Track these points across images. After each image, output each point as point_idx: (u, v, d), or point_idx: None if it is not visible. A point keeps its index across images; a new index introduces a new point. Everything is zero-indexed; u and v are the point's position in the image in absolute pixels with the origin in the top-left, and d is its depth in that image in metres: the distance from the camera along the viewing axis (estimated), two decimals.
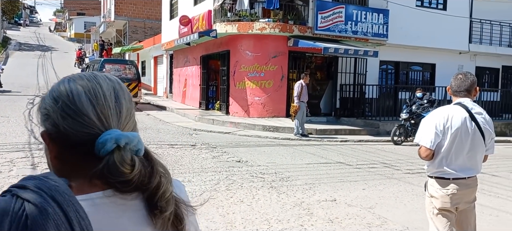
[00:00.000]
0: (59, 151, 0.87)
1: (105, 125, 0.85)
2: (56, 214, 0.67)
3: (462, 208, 3.13)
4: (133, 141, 0.85)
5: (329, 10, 14.35)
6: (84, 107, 0.84)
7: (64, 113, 0.85)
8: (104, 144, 0.83)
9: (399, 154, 10.40)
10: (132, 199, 0.86)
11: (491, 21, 18.46)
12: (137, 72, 17.81)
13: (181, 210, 0.93)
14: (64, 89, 0.87)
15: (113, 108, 0.87)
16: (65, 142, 0.85)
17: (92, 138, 0.84)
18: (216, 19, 15.05)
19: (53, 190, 0.71)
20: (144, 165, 0.87)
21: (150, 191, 0.87)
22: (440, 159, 3.04)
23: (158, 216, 0.87)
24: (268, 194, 5.99)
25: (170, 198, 0.89)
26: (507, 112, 17.59)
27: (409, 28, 16.12)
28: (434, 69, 17.71)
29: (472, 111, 3.04)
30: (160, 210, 0.87)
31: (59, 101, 0.86)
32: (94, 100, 0.86)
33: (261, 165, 8.01)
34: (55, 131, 0.85)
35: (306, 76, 12.23)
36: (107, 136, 0.83)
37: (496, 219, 5.37)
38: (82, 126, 0.84)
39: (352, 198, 6.00)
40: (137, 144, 0.86)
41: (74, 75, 0.91)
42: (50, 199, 0.69)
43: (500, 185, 7.24)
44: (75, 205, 0.72)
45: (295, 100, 11.76)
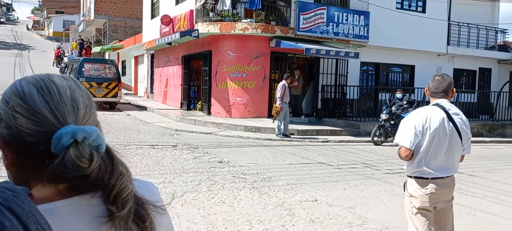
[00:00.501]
0: (16, 156, 0.82)
1: (61, 122, 0.81)
2: (13, 226, 0.64)
3: (440, 207, 3.18)
4: (92, 135, 0.80)
5: (311, 11, 14.45)
6: (36, 105, 0.81)
7: (16, 113, 0.80)
8: (60, 139, 0.78)
9: (379, 154, 10.52)
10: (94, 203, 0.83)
11: (469, 24, 18.87)
12: (117, 72, 17.59)
13: (145, 210, 0.88)
14: (15, 90, 0.83)
15: (70, 105, 0.83)
16: (20, 144, 0.80)
17: (48, 136, 0.79)
18: (198, 19, 14.98)
19: (10, 201, 0.67)
20: (105, 161, 0.82)
21: (108, 190, 0.82)
22: (419, 159, 3.09)
23: (114, 216, 0.82)
24: (249, 195, 5.99)
25: (128, 198, 0.84)
26: (484, 114, 17.99)
27: (389, 30, 16.34)
28: (413, 70, 17.99)
29: (450, 112, 3.09)
30: (116, 208, 0.82)
31: (10, 102, 0.82)
32: (48, 97, 0.82)
33: (243, 165, 8.00)
34: (9, 133, 0.81)
35: (288, 77, 12.34)
36: (63, 130, 0.79)
37: (473, 218, 5.48)
38: (36, 124, 0.80)
39: (333, 198, 6.05)
40: (96, 139, 0.81)
41: (26, 76, 0.87)
42: (6, 210, 0.65)
43: (476, 184, 7.40)
44: (35, 216, 0.68)
45: (278, 102, 11.84)
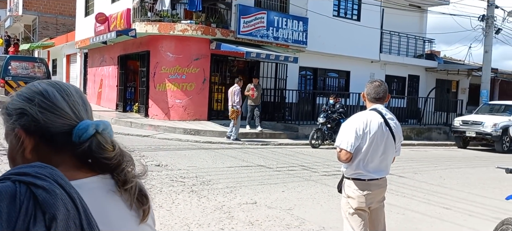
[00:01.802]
0: (37, 144, 0.97)
1: (78, 117, 1.00)
2: (62, 194, 0.79)
3: (373, 207, 3.29)
4: (108, 127, 1.02)
5: (251, 15, 14.54)
6: (59, 102, 0.98)
7: (42, 109, 0.97)
8: (86, 129, 0.97)
9: (316, 156, 10.79)
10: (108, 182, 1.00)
11: (399, 33, 19.95)
12: (47, 71, 16.67)
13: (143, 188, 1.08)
14: (37, 90, 0.99)
15: (82, 104, 1.03)
16: (45, 133, 0.97)
17: (68, 128, 0.98)
18: (136, 18, 14.54)
19: (54, 175, 0.82)
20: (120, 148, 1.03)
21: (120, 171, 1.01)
22: (358, 161, 3.17)
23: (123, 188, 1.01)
24: (188, 198, 5.87)
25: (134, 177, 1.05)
26: (412, 118, 19.09)
27: (327, 37, 16.85)
28: (348, 76, 18.68)
29: (386, 117, 3.21)
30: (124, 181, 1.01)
31: (35, 99, 0.97)
32: (66, 97, 1.00)
33: (181, 168, 7.85)
34: (35, 125, 0.96)
35: (240, 81, 12.68)
36: (87, 122, 0.98)
37: (402, 217, 5.76)
38: (60, 118, 0.98)
39: (272, 200, 6.09)
40: (111, 131, 1.03)
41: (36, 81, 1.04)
42: (54, 182, 0.80)
43: (406, 185, 7.80)
44: (73, 187, 0.83)
45: (237, 106, 12.16)
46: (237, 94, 12.23)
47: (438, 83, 21.68)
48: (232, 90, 12.34)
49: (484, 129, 15.10)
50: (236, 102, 12.14)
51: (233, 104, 12.18)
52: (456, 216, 6.01)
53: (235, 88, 12.34)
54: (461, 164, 11.65)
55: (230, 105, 12.29)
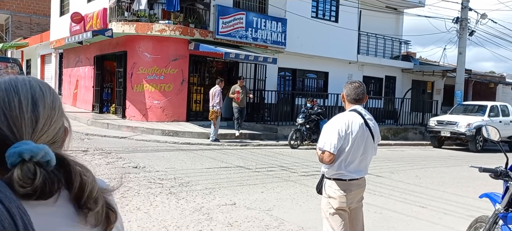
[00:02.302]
0: None
1: (17, 136, 0.85)
2: None
3: (353, 207, 3.31)
4: (38, 154, 0.84)
5: (230, 16, 14.51)
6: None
7: None
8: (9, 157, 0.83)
9: (295, 157, 10.83)
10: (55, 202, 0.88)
11: (376, 35, 20.24)
12: (21, 71, 16.24)
13: (111, 204, 0.99)
14: None
15: (28, 119, 0.87)
16: None
17: (4, 148, 0.84)
18: (112, 18, 14.33)
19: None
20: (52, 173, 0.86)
21: (76, 192, 0.90)
22: (340, 162, 3.19)
23: (88, 214, 0.91)
24: (166, 200, 5.81)
25: (98, 196, 0.93)
26: (389, 118, 19.38)
27: (305, 38, 16.96)
28: (327, 77, 18.84)
29: (365, 117, 3.24)
30: (89, 208, 0.91)
31: None
32: (7, 111, 0.86)
33: (159, 170, 7.76)
34: None
35: (221, 82, 12.62)
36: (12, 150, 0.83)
37: (380, 216, 5.83)
38: None
39: (251, 201, 6.08)
40: (44, 156, 0.85)
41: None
42: None
43: (383, 184, 7.90)
44: (16, 201, 0.73)
45: (216, 107, 12.11)
46: (218, 95, 12.19)
47: (414, 84, 22.09)
48: (213, 91, 12.29)
49: (458, 129, 15.44)
50: (216, 103, 12.10)
51: (213, 105, 12.14)
52: (432, 214, 6.12)
53: (216, 89, 12.28)
54: (436, 163, 11.88)
55: (211, 106, 12.24)
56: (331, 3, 18.49)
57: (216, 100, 12.13)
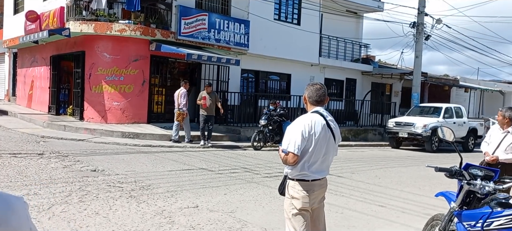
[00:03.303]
0: None
1: None
2: None
3: (315, 207, 3.34)
4: None
5: (192, 17, 14.37)
6: None
7: None
8: None
9: (258, 158, 10.84)
10: None
11: (337, 38, 20.63)
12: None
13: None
14: None
15: None
16: None
17: None
18: (70, 17, 13.87)
19: None
20: None
21: None
22: (303, 163, 3.21)
23: None
24: (126, 204, 5.66)
25: None
26: (350, 120, 19.79)
27: (268, 40, 17.05)
28: (289, 79, 19.01)
29: (327, 118, 3.28)
30: None
31: None
32: None
33: (119, 173, 7.57)
34: None
35: (186, 83, 12.58)
36: None
37: (341, 216, 5.92)
38: None
39: (214, 204, 6.02)
40: None
41: None
42: None
43: (344, 184, 8.04)
44: None
45: (183, 108, 12.09)
46: (184, 96, 12.21)
47: (373, 87, 22.67)
48: (178, 92, 12.30)
49: (415, 130, 15.97)
50: (182, 105, 12.13)
51: (179, 106, 12.16)
52: (390, 213, 6.28)
53: (181, 90, 12.29)
54: (395, 163, 12.23)
55: (176, 107, 12.24)
56: (293, 6, 18.68)
57: (183, 102, 12.13)
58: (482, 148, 5.89)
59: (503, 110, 5.63)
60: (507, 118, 5.50)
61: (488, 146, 5.69)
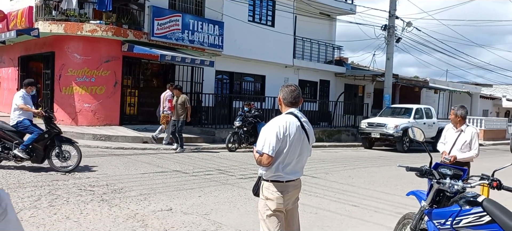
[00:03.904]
0: None
1: None
2: None
3: (289, 208, 3.35)
4: None
5: (165, 17, 14.22)
6: None
7: None
8: None
9: (233, 160, 10.82)
10: None
11: (311, 40, 20.83)
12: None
13: None
14: None
15: None
16: None
17: None
18: (39, 17, 13.51)
19: None
20: None
21: None
22: (277, 164, 3.22)
23: None
24: (98, 208, 5.54)
25: None
26: (324, 121, 19.99)
27: (242, 41, 17.05)
28: (264, 80, 19.07)
29: (301, 120, 3.30)
30: None
31: None
32: None
33: (90, 177, 7.40)
34: None
35: (172, 86, 12.51)
36: None
37: (315, 216, 5.96)
38: None
39: (188, 206, 5.97)
40: None
41: None
42: None
43: (318, 185, 8.11)
44: None
45: (166, 111, 12.12)
46: (167, 99, 12.31)
47: (346, 88, 22.99)
48: (164, 95, 12.38)
49: (387, 130, 16.28)
50: (167, 108, 12.20)
51: (163, 109, 12.29)
52: (363, 212, 6.37)
53: (167, 93, 12.34)
54: (367, 163, 12.42)
55: (161, 110, 12.42)
56: (268, 7, 18.76)
57: (168, 105, 12.18)
58: (438, 148, 5.96)
59: (455, 109, 5.71)
60: (459, 116, 5.58)
61: (444, 146, 5.76)
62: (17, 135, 7.71)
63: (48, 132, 7.78)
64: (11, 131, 7.70)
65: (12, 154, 7.54)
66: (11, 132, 7.69)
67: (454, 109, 5.71)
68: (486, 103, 33.70)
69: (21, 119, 7.74)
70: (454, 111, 5.69)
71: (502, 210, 2.88)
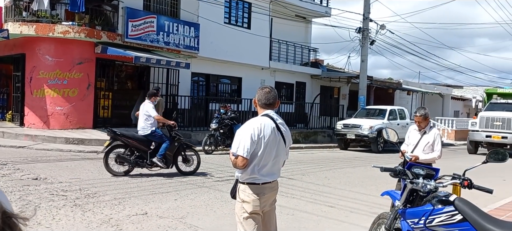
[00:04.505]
0: None
1: None
2: None
3: (266, 210, 3.35)
4: None
5: (140, 19, 14.04)
6: None
7: None
8: None
9: (210, 162, 10.75)
10: None
11: (287, 42, 20.94)
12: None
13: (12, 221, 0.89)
14: None
15: None
16: None
17: None
18: (8, 17, 13.15)
19: None
20: None
21: None
22: (253, 166, 3.21)
23: None
24: (71, 213, 5.41)
25: None
26: (300, 122, 20.11)
27: (219, 43, 16.99)
28: (240, 82, 19.06)
29: (277, 122, 3.30)
30: None
31: None
32: None
33: (63, 181, 7.23)
34: None
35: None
36: None
37: (292, 217, 5.98)
38: None
39: (163, 210, 5.89)
40: None
41: None
42: None
43: (295, 186, 8.14)
44: None
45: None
46: None
47: (322, 90, 23.20)
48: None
49: (362, 132, 16.50)
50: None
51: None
52: (339, 213, 6.43)
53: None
54: (343, 164, 12.56)
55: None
56: (243, 10, 18.77)
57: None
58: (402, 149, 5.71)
59: (416, 111, 5.62)
60: (419, 116, 5.56)
61: (407, 146, 5.69)
62: (147, 144, 8.22)
63: (178, 140, 8.47)
64: (143, 140, 8.21)
65: (149, 162, 8.12)
66: (143, 141, 8.20)
67: (416, 111, 5.66)
68: (457, 104, 34.60)
69: (154, 128, 8.32)
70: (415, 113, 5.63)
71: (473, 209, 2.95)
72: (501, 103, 18.51)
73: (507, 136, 16.80)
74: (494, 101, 19.22)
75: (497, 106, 18.21)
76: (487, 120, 17.48)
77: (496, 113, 17.49)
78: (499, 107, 18.02)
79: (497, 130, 17.11)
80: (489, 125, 17.30)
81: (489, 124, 17.32)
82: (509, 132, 16.84)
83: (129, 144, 8.12)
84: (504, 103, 18.48)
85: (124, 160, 8.05)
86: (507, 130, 16.91)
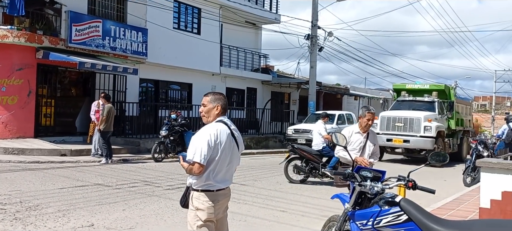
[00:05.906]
0: None
1: None
2: None
3: (219, 217, 3.30)
4: None
5: (84, 23, 13.54)
6: None
7: None
8: None
9: (160, 171, 10.52)
10: None
11: (238, 48, 20.99)
12: None
13: None
14: None
15: None
16: None
17: None
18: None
19: None
20: None
21: None
22: (208, 173, 3.16)
23: None
24: (10, 228, 5.09)
25: None
26: (251, 128, 20.19)
27: (168, 49, 16.72)
28: (191, 88, 18.85)
29: (231, 128, 3.28)
30: None
31: None
32: None
33: (1, 194, 6.79)
34: None
35: None
36: None
37: (244, 224, 5.96)
38: None
39: (111, 221, 5.68)
40: None
41: None
42: None
43: (247, 192, 8.14)
44: None
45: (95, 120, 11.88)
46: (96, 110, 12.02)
47: (273, 95, 23.44)
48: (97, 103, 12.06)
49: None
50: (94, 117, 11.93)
51: None
52: (291, 217, 6.48)
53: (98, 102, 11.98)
54: None
55: None
56: (193, 15, 18.62)
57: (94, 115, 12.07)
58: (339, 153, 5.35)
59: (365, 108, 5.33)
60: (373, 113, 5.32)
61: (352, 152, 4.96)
62: (319, 157, 9.81)
63: None
64: (316, 155, 9.86)
65: (321, 173, 9.58)
66: (317, 155, 9.85)
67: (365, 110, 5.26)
68: None
69: (325, 145, 10.15)
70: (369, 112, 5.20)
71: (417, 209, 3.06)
72: (409, 101, 16.43)
73: (409, 140, 14.68)
74: (402, 98, 16.86)
75: (404, 105, 16.18)
76: (388, 120, 15.31)
77: (398, 112, 15.50)
78: (405, 106, 16.05)
79: (398, 132, 14.92)
80: (391, 126, 15.14)
81: (391, 125, 15.16)
82: (411, 135, 14.69)
83: (304, 156, 9.66)
84: (412, 100, 16.39)
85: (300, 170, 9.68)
86: (409, 132, 14.75)
